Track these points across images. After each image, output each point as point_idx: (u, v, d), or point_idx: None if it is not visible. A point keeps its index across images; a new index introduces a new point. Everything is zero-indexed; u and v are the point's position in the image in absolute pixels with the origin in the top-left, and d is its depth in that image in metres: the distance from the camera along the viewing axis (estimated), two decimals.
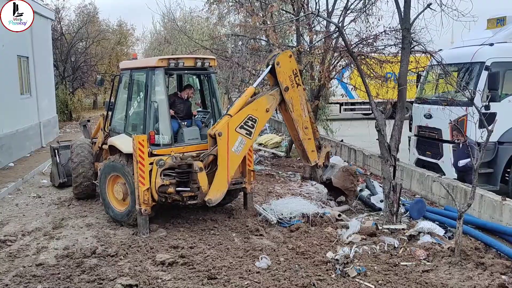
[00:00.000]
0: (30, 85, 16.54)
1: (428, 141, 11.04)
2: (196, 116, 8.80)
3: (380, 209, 8.55)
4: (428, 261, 6.31)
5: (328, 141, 15.65)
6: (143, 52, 37.22)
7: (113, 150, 8.21)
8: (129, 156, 7.53)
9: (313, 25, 11.56)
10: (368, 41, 10.54)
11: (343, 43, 8.86)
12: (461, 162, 8.97)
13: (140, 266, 6.21)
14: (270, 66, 7.81)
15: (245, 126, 7.51)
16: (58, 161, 10.62)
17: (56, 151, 10.61)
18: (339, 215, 8.10)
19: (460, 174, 9.35)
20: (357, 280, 5.76)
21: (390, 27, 9.80)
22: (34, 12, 15.73)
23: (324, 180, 8.77)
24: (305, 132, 8.19)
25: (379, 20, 11.11)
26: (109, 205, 8.04)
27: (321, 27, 11.82)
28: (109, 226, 7.93)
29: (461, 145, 8.11)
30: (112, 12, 76.52)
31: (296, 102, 8.00)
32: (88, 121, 11.32)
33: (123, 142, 7.85)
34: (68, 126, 24.42)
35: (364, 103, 25.38)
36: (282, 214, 7.99)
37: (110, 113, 9.11)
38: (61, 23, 29.59)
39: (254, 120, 7.58)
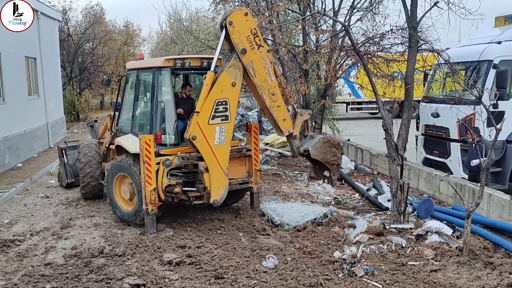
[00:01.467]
0: (38, 86, 16.66)
1: (436, 140, 10.99)
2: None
3: (387, 209, 8.51)
4: (436, 261, 6.28)
5: None
6: (150, 52, 37.43)
7: (120, 150, 8.24)
8: (136, 156, 7.55)
9: (319, 24, 11.53)
10: (375, 40, 10.50)
11: (349, 42, 8.81)
12: (474, 162, 8.90)
13: (148, 265, 6.23)
14: (224, 30, 7.11)
15: (217, 114, 7.07)
16: (65, 161, 10.68)
17: (63, 151, 10.67)
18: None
19: (472, 174, 9.28)
20: (364, 279, 5.73)
21: (396, 26, 9.77)
22: (38, 13, 15.95)
23: (301, 152, 8.10)
24: (272, 98, 7.49)
25: (385, 18, 11.07)
26: (116, 205, 8.07)
27: (327, 26, 11.80)
28: (116, 226, 7.96)
29: (474, 144, 8.06)
30: (119, 13, 76.91)
31: (258, 65, 7.28)
32: (95, 121, 11.37)
33: (130, 142, 7.88)
34: (76, 126, 24.57)
35: (370, 102, 25.30)
36: (288, 225, 7.63)
37: (117, 113, 9.15)
38: (68, 24, 29.82)
39: (224, 102, 7.11)
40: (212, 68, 7.20)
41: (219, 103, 7.09)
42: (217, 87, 7.09)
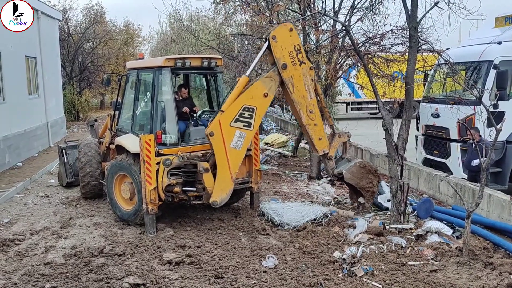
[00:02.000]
0: (38, 85, 16.66)
1: (436, 140, 10.99)
2: (203, 116, 8.81)
3: (387, 209, 8.51)
4: (436, 261, 6.28)
5: None
6: (150, 52, 37.43)
7: (120, 149, 8.24)
8: (136, 156, 7.56)
9: (319, 24, 11.52)
10: (375, 40, 10.50)
11: (349, 42, 8.81)
12: (475, 162, 8.89)
13: (147, 265, 6.23)
14: (266, 43, 7.18)
15: (241, 119, 7.07)
16: (65, 160, 10.68)
17: (63, 151, 10.68)
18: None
19: (472, 174, 9.28)
20: (364, 279, 5.73)
21: (397, 26, 9.76)
22: (39, 12, 15.94)
23: (335, 174, 7.92)
24: (309, 116, 7.43)
25: (386, 18, 11.06)
26: (116, 205, 8.07)
27: (327, 26, 11.78)
28: (116, 226, 7.96)
29: (474, 145, 8.08)
30: (119, 12, 76.95)
31: (297, 81, 7.27)
32: (95, 121, 11.38)
33: (130, 142, 7.88)
34: (76, 126, 24.57)
35: (371, 102, 25.31)
36: (288, 224, 7.63)
37: (117, 112, 9.15)
38: (69, 23, 29.82)
39: (251, 110, 7.10)
40: (247, 73, 7.33)
41: (246, 109, 7.10)
42: (248, 93, 7.12)
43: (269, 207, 8.19)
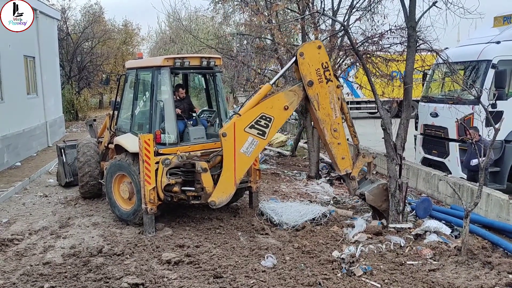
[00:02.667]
0: (37, 85, 16.64)
1: (434, 140, 11.00)
2: (202, 116, 8.81)
3: None
4: (435, 260, 6.29)
5: None
6: (149, 51, 37.40)
7: (119, 149, 8.23)
8: (135, 155, 7.55)
9: (318, 24, 11.51)
10: (374, 39, 10.49)
11: (348, 41, 8.81)
12: (474, 162, 8.90)
13: (146, 265, 6.23)
14: (293, 58, 7.18)
15: (256, 126, 7.03)
16: (64, 160, 10.67)
17: (62, 150, 10.66)
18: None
19: (471, 173, 9.29)
20: (363, 279, 5.74)
21: (395, 26, 9.76)
22: (37, 12, 15.91)
23: (357, 195, 7.76)
24: (333, 135, 7.34)
25: (384, 18, 11.05)
26: (115, 204, 8.07)
27: (326, 26, 11.77)
28: (115, 225, 7.96)
29: (473, 144, 8.10)
30: (118, 12, 76.86)
31: (323, 99, 7.21)
32: (94, 120, 11.36)
33: (129, 141, 7.87)
34: (74, 125, 24.55)
35: (369, 102, 25.28)
36: (287, 224, 7.62)
37: (116, 112, 9.14)
38: (67, 23, 29.75)
39: (268, 119, 7.04)
40: (272, 82, 7.32)
41: (263, 117, 7.05)
42: (269, 102, 7.09)
43: (268, 207, 8.19)
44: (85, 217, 8.47)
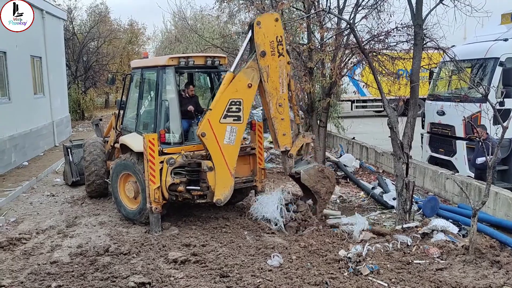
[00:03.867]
0: (43, 85, 16.73)
1: (441, 138, 10.94)
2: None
3: (392, 207, 8.49)
4: (442, 259, 6.25)
5: (340, 139, 15.59)
6: (154, 51, 37.38)
7: (125, 148, 8.26)
8: (140, 155, 7.57)
9: (324, 22, 11.47)
10: (380, 37, 10.43)
11: (354, 40, 8.77)
12: (480, 160, 8.84)
13: (153, 264, 6.24)
14: (250, 32, 7.14)
15: (229, 114, 7.06)
16: (71, 160, 10.72)
17: (69, 150, 10.72)
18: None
19: (478, 172, 9.22)
20: (369, 278, 5.72)
21: (402, 24, 9.68)
22: (43, 11, 15.99)
23: (292, 173, 7.76)
24: (278, 110, 7.35)
25: (390, 16, 10.97)
26: (121, 204, 8.10)
27: (332, 24, 11.72)
28: (121, 224, 7.98)
29: (480, 142, 8.06)
30: (123, 11, 77.08)
31: (273, 72, 7.20)
32: (100, 120, 11.41)
33: (134, 141, 7.89)
34: (81, 125, 24.66)
35: (375, 100, 25.11)
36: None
37: (121, 112, 9.17)
38: (73, 23, 29.88)
39: (238, 103, 7.09)
40: (232, 69, 7.25)
41: (233, 103, 7.07)
42: (232, 87, 7.10)
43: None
44: (92, 216, 8.50)
